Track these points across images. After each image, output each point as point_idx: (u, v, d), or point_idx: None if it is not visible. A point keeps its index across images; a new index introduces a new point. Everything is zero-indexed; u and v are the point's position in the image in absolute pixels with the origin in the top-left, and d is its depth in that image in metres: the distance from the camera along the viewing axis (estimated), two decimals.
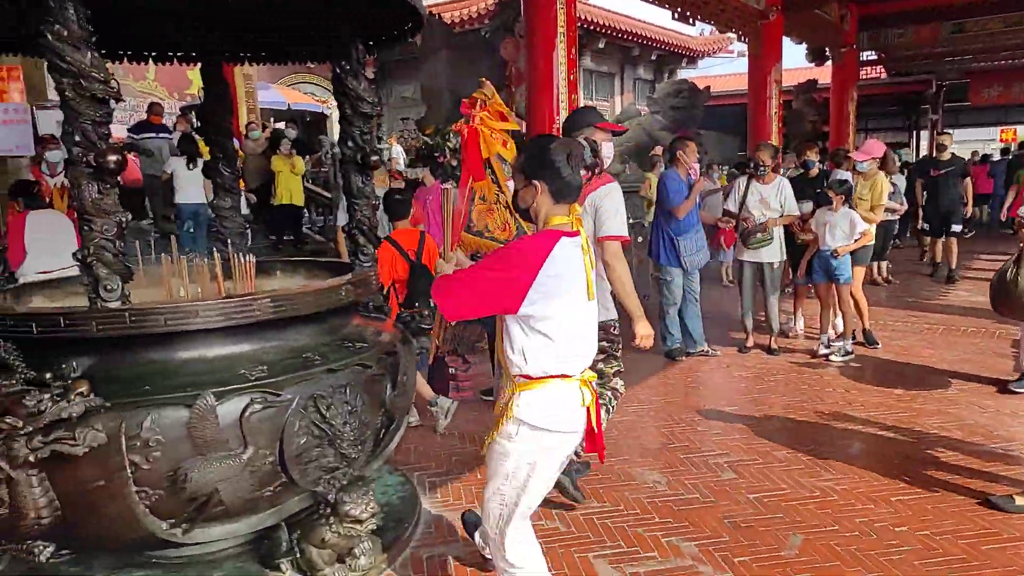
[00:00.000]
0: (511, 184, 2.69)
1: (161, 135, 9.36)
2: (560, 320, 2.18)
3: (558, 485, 3.02)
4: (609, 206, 3.29)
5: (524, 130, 8.25)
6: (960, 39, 15.33)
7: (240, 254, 2.88)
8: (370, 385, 2.53)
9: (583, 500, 3.31)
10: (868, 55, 17.71)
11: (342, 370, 2.41)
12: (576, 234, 2.24)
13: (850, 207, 5.61)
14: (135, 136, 9.21)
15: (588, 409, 2.30)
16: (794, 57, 15.08)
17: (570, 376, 2.25)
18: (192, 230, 8.29)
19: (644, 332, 3.20)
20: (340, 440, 2.39)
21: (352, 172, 2.78)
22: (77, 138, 1.99)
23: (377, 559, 2.54)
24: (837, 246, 5.50)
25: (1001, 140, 25.24)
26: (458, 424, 4.47)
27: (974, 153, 18.32)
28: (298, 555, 2.44)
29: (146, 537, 2.17)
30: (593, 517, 3.24)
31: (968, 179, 9.41)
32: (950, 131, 9.99)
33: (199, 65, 3.26)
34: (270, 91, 14.59)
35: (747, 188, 5.81)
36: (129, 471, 2.06)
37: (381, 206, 5.79)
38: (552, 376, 2.23)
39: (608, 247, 3.27)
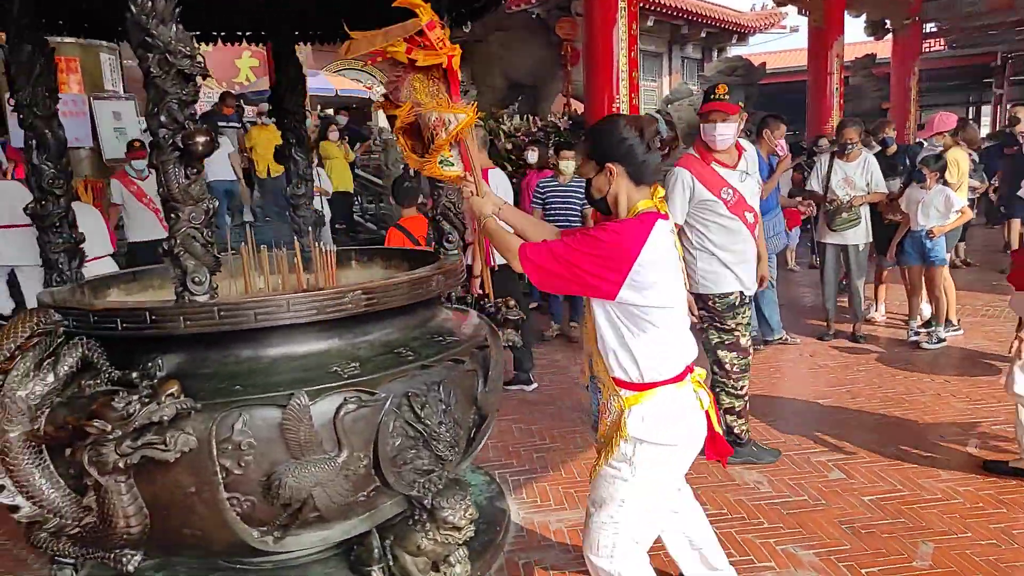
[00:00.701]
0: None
1: (231, 124, 9.37)
2: (664, 312, 2.01)
3: None
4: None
5: (583, 113, 8.02)
6: None
7: (319, 244, 2.75)
8: (463, 381, 2.38)
9: None
10: (930, 27, 16.94)
11: (435, 366, 2.27)
12: (665, 216, 2.07)
13: (945, 184, 5.27)
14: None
15: (707, 412, 2.11)
16: (850, 31, 14.51)
17: (683, 378, 2.07)
18: (228, 210, 8.24)
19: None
20: (436, 441, 2.24)
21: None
22: (163, 119, 1.85)
23: (473, 566, 2.40)
24: (932, 225, 5.17)
25: None
26: (536, 419, 4.32)
27: None
28: (391, 562, 2.31)
29: (236, 545, 2.06)
30: None
31: None
32: None
33: (256, 46, 3.13)
34: (318, 78, 14.54)
35: (830, 167, 5.50)
36: (220, 476, 1.94)
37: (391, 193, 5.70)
38: (664, 382, 2.04)
39: None
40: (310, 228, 3.05)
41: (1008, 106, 21.64)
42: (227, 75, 13.95)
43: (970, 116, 23.15)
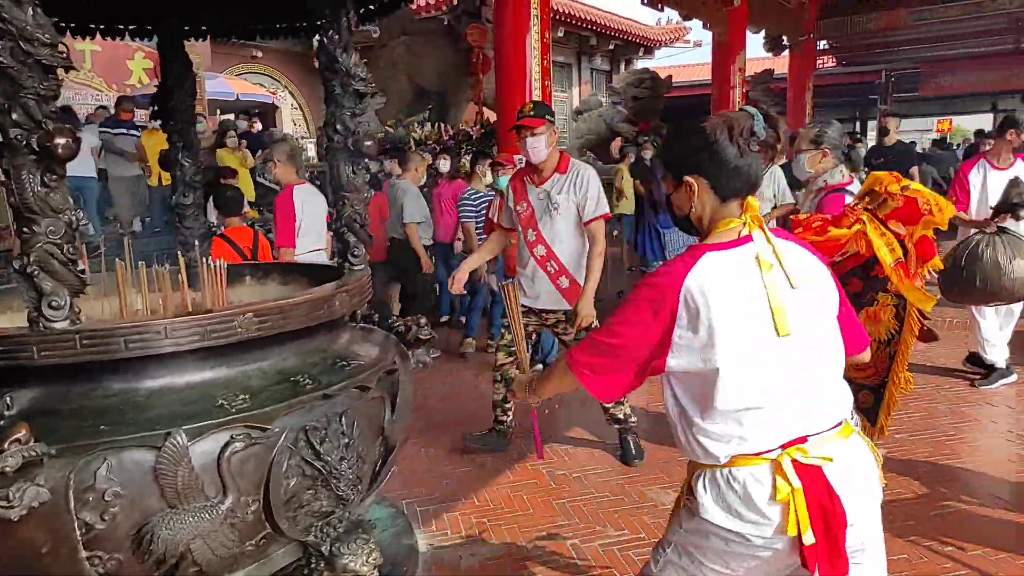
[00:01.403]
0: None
1: (131, 132, 8.62)
2: (728, 372, 1.48)
3: None
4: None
5: (495, 121, 7.91)
6: (920, 26, 15.50)
7: (207, 259, 2.49)
8: (368, 411, 2.18)
9: None
10: (823, 45, 17.84)
11: (338, 395, 2.06)
12: (742, 241, 1.56)
13: None
14: (111, 132, 8.41)
15: (789, 503, 1.48)
16: (751, 47, 15.17)
17: (759, 455, 1.52)
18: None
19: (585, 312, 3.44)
20: (336, 479, 2.03)
21: (341, 161, 2.40)
22: (16, 116, 1.60)
23: None
24: None
25: (937, 130, 25.92)
26: (446, 441, 4.12)
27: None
28: None
29: None
30: (615, 549, 2.92)
31: (915, 168, 8.79)
32: (896, 115, 9.75)
33: (141, 41, 2.85)
34: (217, 80, 13.88)
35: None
36: (80, 532, 1.68)
37: (211, 202, 5.44)
38: (728, 462, 1.54)
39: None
40: (197, 241, 2.77)
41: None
42: (118, 77, 13.08)
43: (857, 130, 24.56)
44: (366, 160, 2.41)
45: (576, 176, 3.61)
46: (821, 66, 19.47)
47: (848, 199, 3.16)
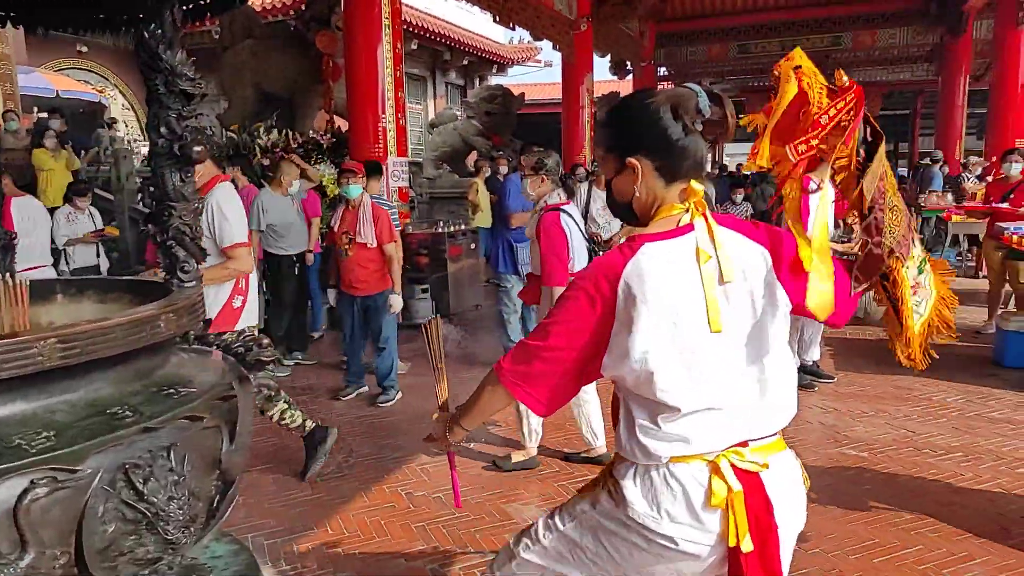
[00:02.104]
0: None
1: None
2: (664, 371, 1.40)
3: None
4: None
5: (347, 129, 7.70)
6: (744, 59, 16.87)
7: (6, 274, 2.18)
8: (201, 442, 1.97)
9: None
10: (663, 71, 18.96)
11: (163, 427, 1.84)
12: (683, 231, 1.45)
13: None
14: None
15: (727, 509, 1.41)
16: (599, 70, 16.00)
17: (694, 455, 1.44)
18: None
19: None
20: (164, 522, 1.82)
21: (167, 168, 2.19)
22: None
23: None
24: None
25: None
26: (293, 464, 3.89)
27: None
28: None
29: None
30: (477, 571, 2.84)
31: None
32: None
33: None
34: (34, 75, 12.58)
35: (589, 194, 5.74)
36: None
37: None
38: (665, 459, 1.45)
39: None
40: None
41: (720, 144, 24.99)
42: None
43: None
44: (193, 167, 2.21)
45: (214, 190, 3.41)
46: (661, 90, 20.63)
47: (564, 216, 3.78)
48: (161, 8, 2.08)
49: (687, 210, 1.48)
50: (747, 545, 1.40)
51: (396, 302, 5.10)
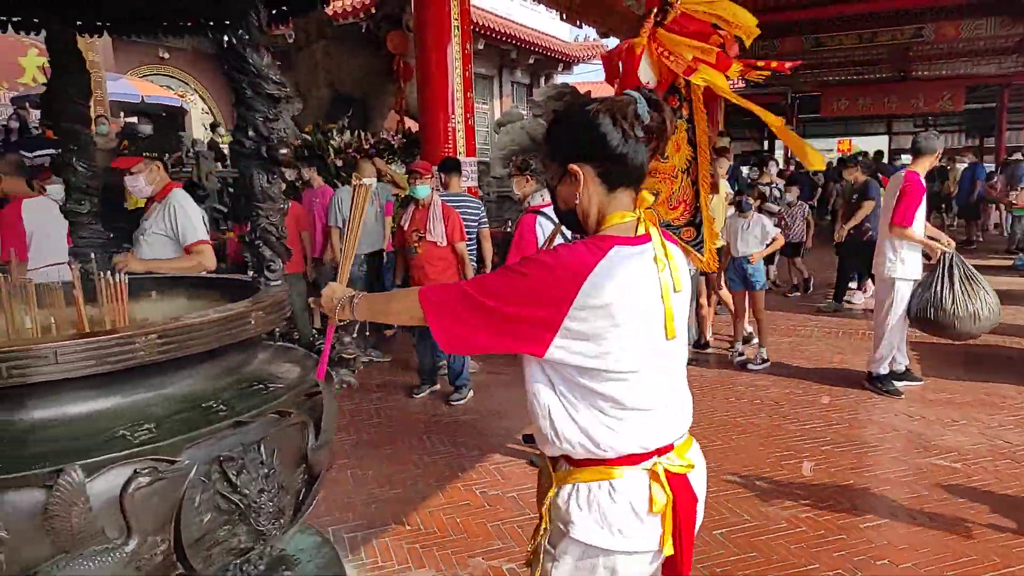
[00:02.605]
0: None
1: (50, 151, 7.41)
2: (620, 373, 1.44)
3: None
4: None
5: (417, 131, 7.79)
6: (819, 52, 16.31)
7: (106, 271, 2.27)
8: (289, 437, 2.02)
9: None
10: None
11: (254, 422, 1.89)
12: (642, 240, 1.49)
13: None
14: (29, 155, 7.08)
15: (664, 515, 1.49)
16: None
17: (640, 461, 1.50)
18: None
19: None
20: (255, 513, 1.87)
21: (254, 169, 2.24)
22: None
23: None
24: (751, 252, 5.44)
25: (839, 150, 27.41)
26: (371, 463, 3.96)
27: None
28: None
29: None
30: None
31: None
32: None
33: (39, 35, 2.60)
34: (120, 82, 13.18)
35: None
36: None
37: None
38: (610, 461, 1.48)
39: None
40: (93, 252, 2.54)
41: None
42: (9, 75, 12.25)
43: (765, 148, 25.63)
44: (280, 168, 2.26)
45: (165, 207, 3.47)
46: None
47: (542, 219, 4.02)
48: (247, 12, 2.13)
49: (639, 219, 1.51)
50: (670, 549, 1.51)
51: None
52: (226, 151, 9.70)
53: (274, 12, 2.50)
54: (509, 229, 7.64)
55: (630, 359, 1.44)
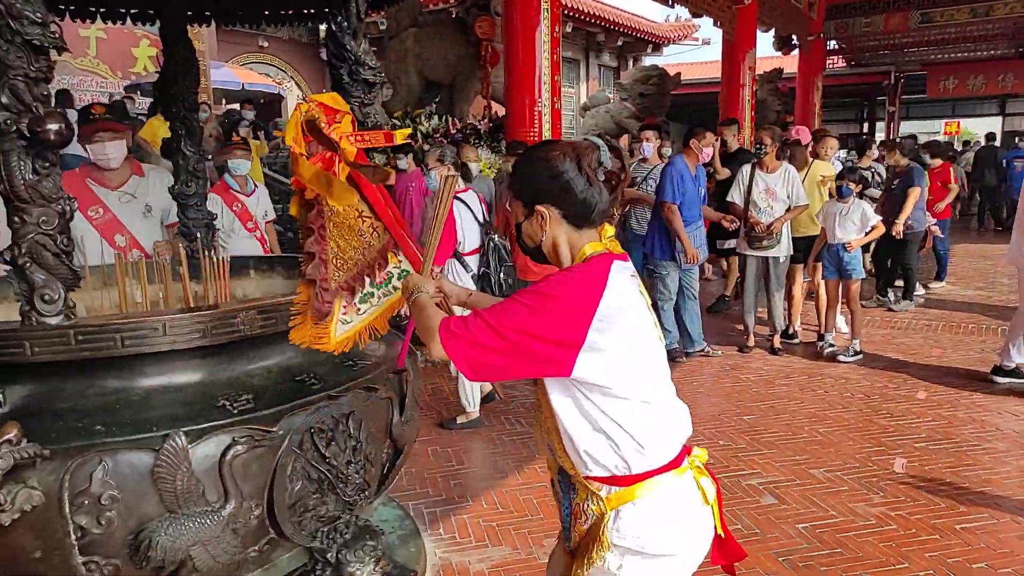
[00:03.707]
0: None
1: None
2: (643, 377, 1.51)
3: None
4: None
5: (503, 114, 7.82)
6: (927, 29, 15.37)
7: (210, 251, 2.41)
8: (376, 412, 2.10)
9: None
10: (831, 45, 17.68)
11: (344, 395, 1.98)
12: (625, 257, 1.60)
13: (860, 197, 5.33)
14: None
15: (713, 505, 1.60)
16: (760, 46, 15.06)
17: (680, 463, 1.56)
18: None
19: None
20: (343, 484, 1.95)
21: None
22: (3, 99, 1.53)
23: None
24: (849, 239, 5.22)
25: (945, 133, 25.80)
26: (452, 439, 4.05)
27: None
28: None
29: None
30: None
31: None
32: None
33: (151, 26, 2.76)
34: (222, 70, 13.78)
35: (751, 179, 5.49)
36: (75, 537, 1.61)
37: None
38: (658, 470, 1.52)
39: None
40: (199, 232, 2.69)
41: (895, 122, 23.06)
42: (124, 64, 13.00)
43: (865, 131, 24.42)
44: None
45: (144, 178, 3.20)
46: (831, 66, 19.34)
47: (457, 204, 4.35)
48: (347, 0, 2.19)
49: (605, 247, 1.58)
50: (720, 531, 1.63)
51: None
52: None
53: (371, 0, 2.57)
54: None
55: (645, 363, 1.52)
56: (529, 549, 2.89)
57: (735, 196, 5.64)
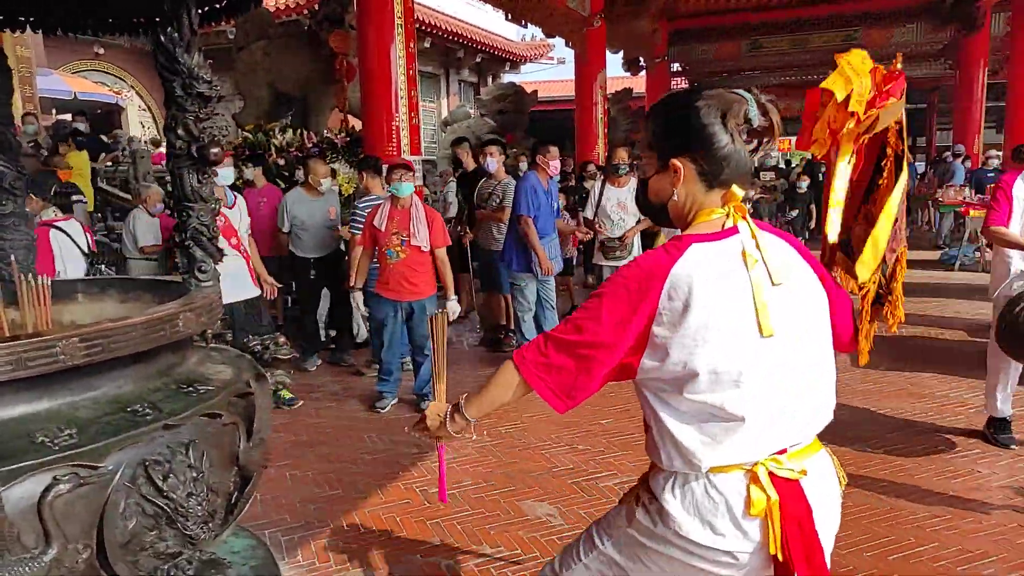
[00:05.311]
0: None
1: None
2: (710, 376, 1.35)
3: None
4: None
5: (360, 128, 7.74)
6: (756, 56, 16.77)
7: (28, 275, 2.22)
8: (220, 439, 2.00)
9: None
10: (675, 67, 18.87)
11: (183, 424, 1.87)
12: (728, 233, 1.43)
13: None
14: None
15: (768, 518, 1.39)
16: (612, 66, 15.94)
17: (734, 465, 1.41)
18: None
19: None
20: (183, 517, 1.85)
21: (185, 169, 2.22)
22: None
23: None
24: None
25: (779, 149, 28.16)
26: (309, 462, 3.93)
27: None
28: None
29: None
30: (491, 567, 2.87)
31: None
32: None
33: None
34: (52, 78, 12.72)
35: (602, 192, 5.74)
36: None
37: None
38: (705, 468, 1.41)
39: None
40: (16, 255, 2.47)
41: None
42: None
43: None
44: (212, 168, 2.24)
45: None
46: (675, 86, 20.61)
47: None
48: (178, 11, 2.11)
49: (727, 214, 1.45)
50: (783, 555, 1.38)
51: (453, 308, 4.85)
52: None
53: (206, 10, 2.47)
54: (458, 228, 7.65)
55: (725, 362, 1.35)
56: (390, 568, 2.86)
57: (588, 211, 5.89)
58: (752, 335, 1.37)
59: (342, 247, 6.03)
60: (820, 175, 13.35)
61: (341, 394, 5.22)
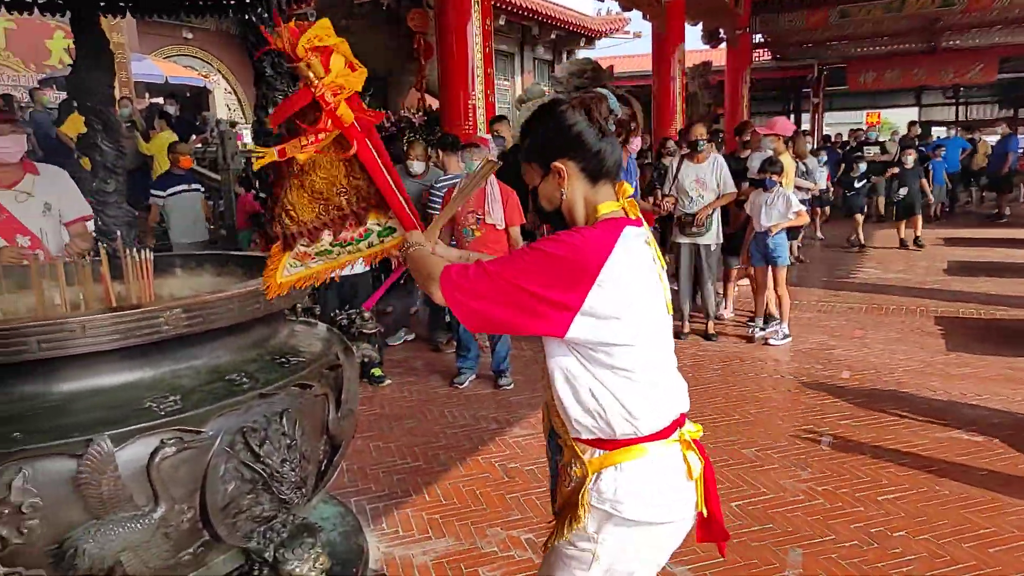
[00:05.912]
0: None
1: (193, 187, 6.81)
2: (641, 347, 1.49)
3: None
4: None
5: (437, 107, 7.78)
6: (845, 24, 15.96)
7: (132, 249, 2.33)
8: (311, 409, 2.07)
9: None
10: (758, 39, 18.19)
11: (277, 393, 1.94)
12: (640, 223, 1.57)
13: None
14: (162, 194, 6.57)
15: (698, 481, 1.60)
16: (690, 39, 15.44)
17: (669, 434, 1.57)
18: None
19: None
20: (278, 482, 1.92)
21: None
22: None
23: None
24: (772, 224, 5.40)
25: (867, 124, 26.92)
26: (393, 434, 4.03)
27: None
28: None
29: None
30: None
31: None
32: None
33: (64, 17, 2.65)
34: (145, 63, 13.29)
35: (679, 168, 5.61)
36: None
37: None
38: (644, 438, 1.53)
39: None
40: (120, 230, 2.60)
41: (819, 114, 23.83)
42: (36, 56, 12.41)
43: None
44: None
45: (38, 177, 3.09)
46: (757, 59, 19.89)
47: None
48: None
49: (622, 207, 1.57)
50: (702, 507, 1.61)
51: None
52: None
53: None
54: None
55: (645, 333, 1.50)
56: (473, 539, 2.91)
57: (667, 187, 5.77)
58: (663, 312, 1.57)
59: None
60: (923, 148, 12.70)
61: (422, 370, 5.32)
